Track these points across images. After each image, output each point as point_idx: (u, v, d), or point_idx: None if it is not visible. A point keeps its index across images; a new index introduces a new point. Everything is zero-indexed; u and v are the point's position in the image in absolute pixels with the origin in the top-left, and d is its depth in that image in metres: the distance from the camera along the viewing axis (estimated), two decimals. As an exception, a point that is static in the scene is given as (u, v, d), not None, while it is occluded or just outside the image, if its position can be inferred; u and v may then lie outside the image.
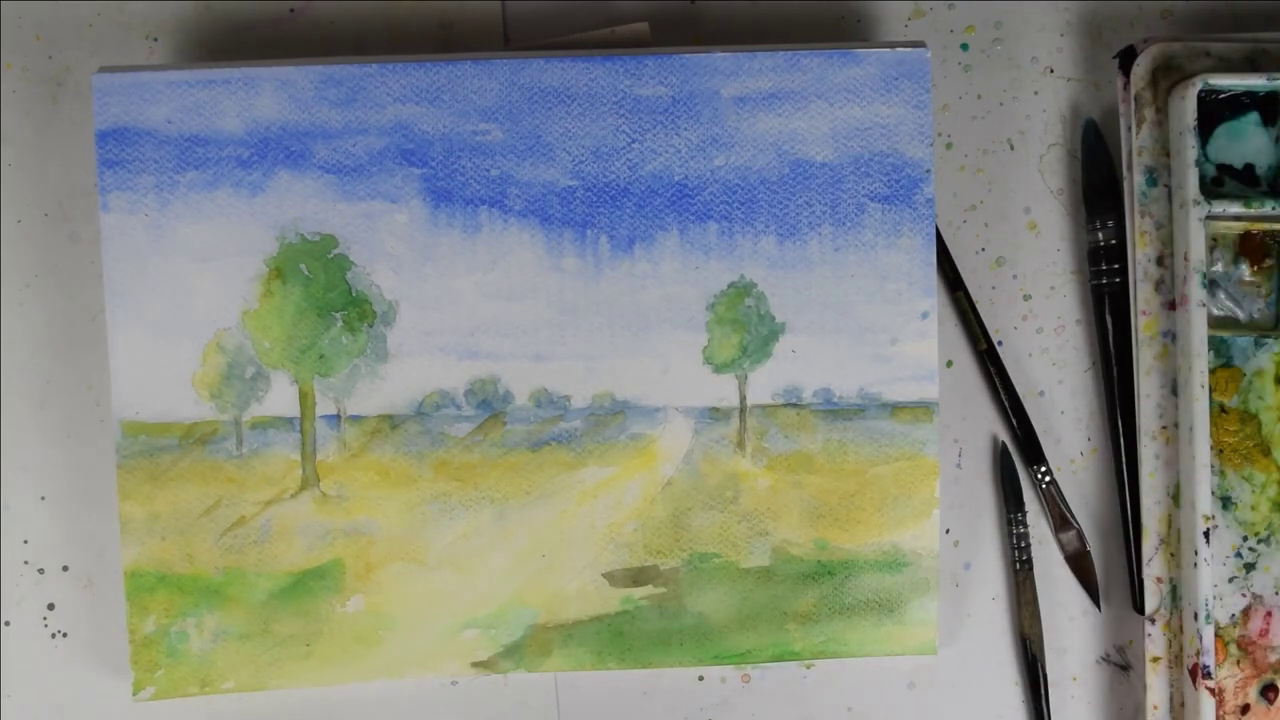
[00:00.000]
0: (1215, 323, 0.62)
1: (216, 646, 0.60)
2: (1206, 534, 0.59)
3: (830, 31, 0.64)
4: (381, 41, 0.63)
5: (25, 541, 0.63)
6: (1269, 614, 0.62)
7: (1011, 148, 0.64)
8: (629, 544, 0.61)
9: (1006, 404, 0.64)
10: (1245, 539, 0.62)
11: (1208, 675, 0.59)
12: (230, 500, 0.60)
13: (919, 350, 0.60)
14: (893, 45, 0.60)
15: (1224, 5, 0.64)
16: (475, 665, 0.61)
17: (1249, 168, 0.62)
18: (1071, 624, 0.64)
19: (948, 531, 0.64)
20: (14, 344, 0.63)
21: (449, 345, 0.60)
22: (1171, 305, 0.61)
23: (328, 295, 0.60)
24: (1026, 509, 0.63)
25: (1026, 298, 0.64)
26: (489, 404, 0.60)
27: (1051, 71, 0.64)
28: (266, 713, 0.63)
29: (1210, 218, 0.59)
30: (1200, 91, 0.59)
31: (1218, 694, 0.60)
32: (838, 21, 0.64)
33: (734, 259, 0.60)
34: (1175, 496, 0.61)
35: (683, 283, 0.60)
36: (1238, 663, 0.62)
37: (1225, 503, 0.61)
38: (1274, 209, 0.60)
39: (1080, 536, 0.64)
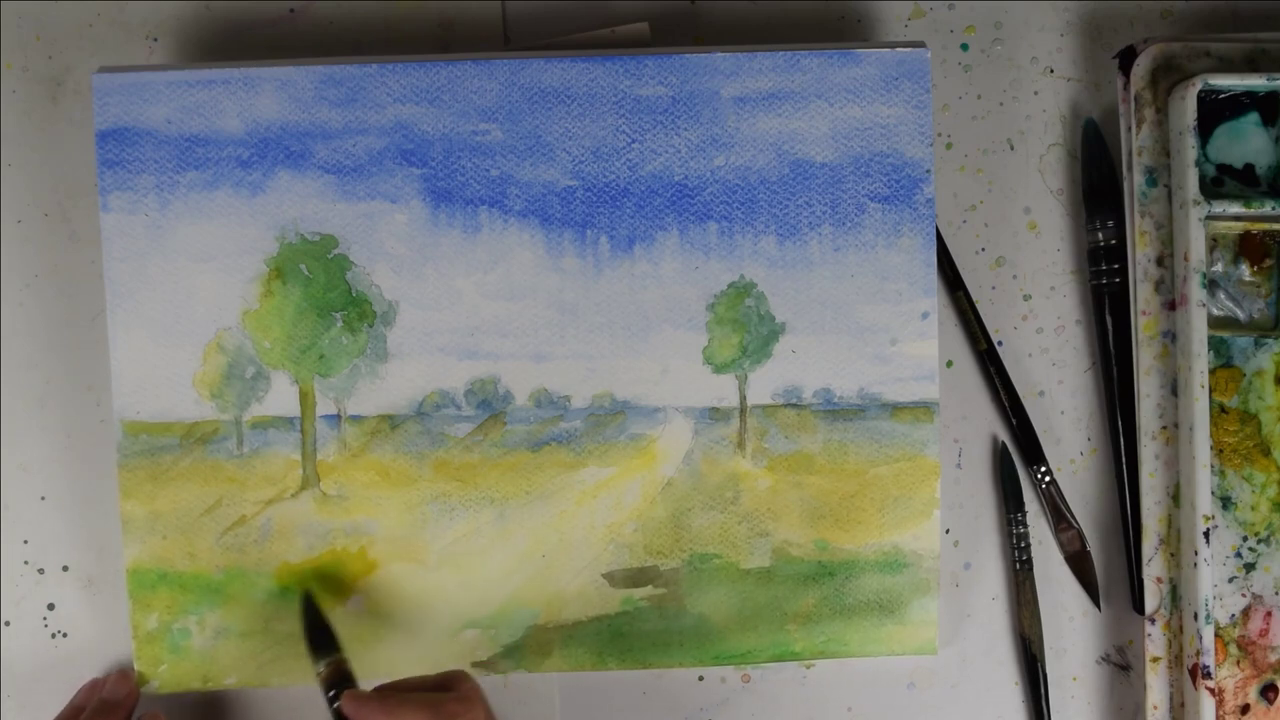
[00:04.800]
0: (1215, 323, 0.62)
1: (218, 643, 0.60)
2: (1206, 534, 0.59)
3: (830, 31, 0.64)
4: (381, 41, 0.63)
5: (25, 541, 0.63)
6: (1269, 614, 0.62)
7: (1011, 148, 0.64)
8: (629, 544, 0.61)
9: (1006, 404, 0.64)
10: (1245, 539, 0.62)
11: (1208, 675, 0.59)
12: (231, 499, 0.60)
13: (919, 350, 0.60)
14: (893, 45, 0.60)
15: (1224, 5, 0.64)
16: (475, 665, 0.61)
17: (1249, 168, 0.62)
18: (1071, 624, 0.64)
19: (948, 531, 0.64)
20: (14, 344, 0.63)
21: (449, 345, 0.60)
22: (1171, 305, 0.61)
23: (328, 295, 0.60)
24: (1026, 509, 0.63)
25: (1026, 298, 0.64)
26: (489, 404, 0.60)
27: (1051, 71, 0.64)
28: (268, 711, 0.63)
29: (1210, 218, 0.59)
30: (1200, 91, 0.59)
31: (1218, 694, 0.60)
32: (838, 21, 0.64)
33: (734, 259, 0.60)
34: (1175, 496, 0.61)
35: (683, 283, 0.60)
36: (1238, 663, 0.62)
37: (1225, 503, 0.61)
38: (1274, 209, 0.60)
39: (1080, 536, 0.64)
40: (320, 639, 0.59)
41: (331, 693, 0.56)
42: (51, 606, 0.63)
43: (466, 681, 0.55)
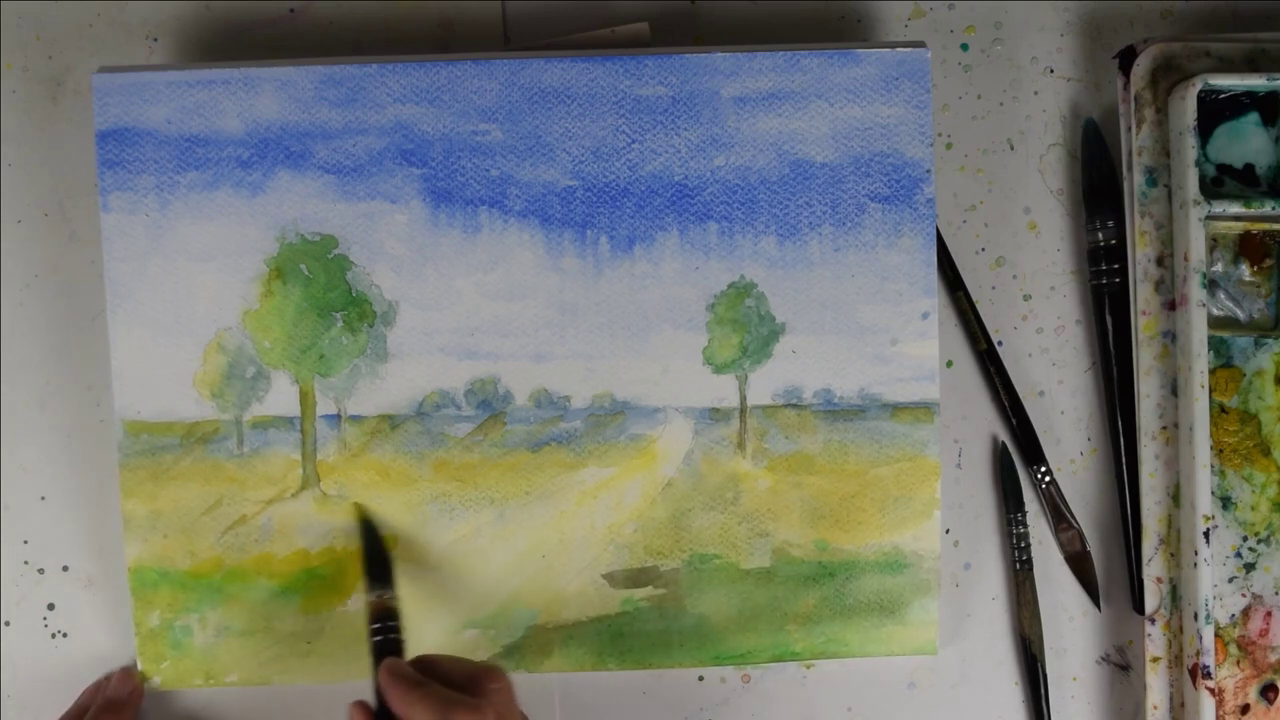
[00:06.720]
0: (1215, 323, 0.62)
1: (220, 642, 0.61)
2: (1206, 534, 0.59)
3: (830, 31, 0.64)
4: (381, 41, 0.63)
5: (25, 541, 0.63)
6: (1269, 614, 0.62)
7: (1011, 148, 0.64)
8: (629, 545, 0.61)
9: (1006, 404, 0.64)
10: (1245, 539, 0.62)
11: (1208, 675, 0.59)
12: (231, 499, 0.60)
13: (919, 350, 0.60)
14: (893, 45, 0.60)
15: (1224, 5, 0.64)
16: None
17: (1249, 168, 0.62)
18: (1071, 624, 0.64)
19: (948, 531, 0.64)
20: (14, 344, 0.63)
21: (449, 345, 0.60)
22: (1171, 305, 0.61)
23: (328, 295, 0.60)
24: (1026, 509, 0.63)
25: (1026, 298, 0.64)
26: (489, 404, 0.60)
27: (1051, 71, 0.64)
28: (269, 708, 0.63)
29: (1210, 218, 0.59)
30: (1200, 91, 0.59)
31: (1218, 694, 0.60)
32: (838, 21, 0.64)
33: (734, 259, 0.60)
34: (1175, 496, 0.61)
35: (683, 283, 0.60)
36: (1238, 663, 0.62)
37: (1225, 503, 0.61)
38: (1274, 209, 0.60)
39: (1080, 537, 0.64)
40: (375, 568, 0.58)
41: (375, 625, 0.56)
42: (51, 606, 0.63)
43: (496, 682, 0.53)
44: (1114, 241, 0.62)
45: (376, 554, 0.59)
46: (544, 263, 0.60)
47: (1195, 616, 0.59)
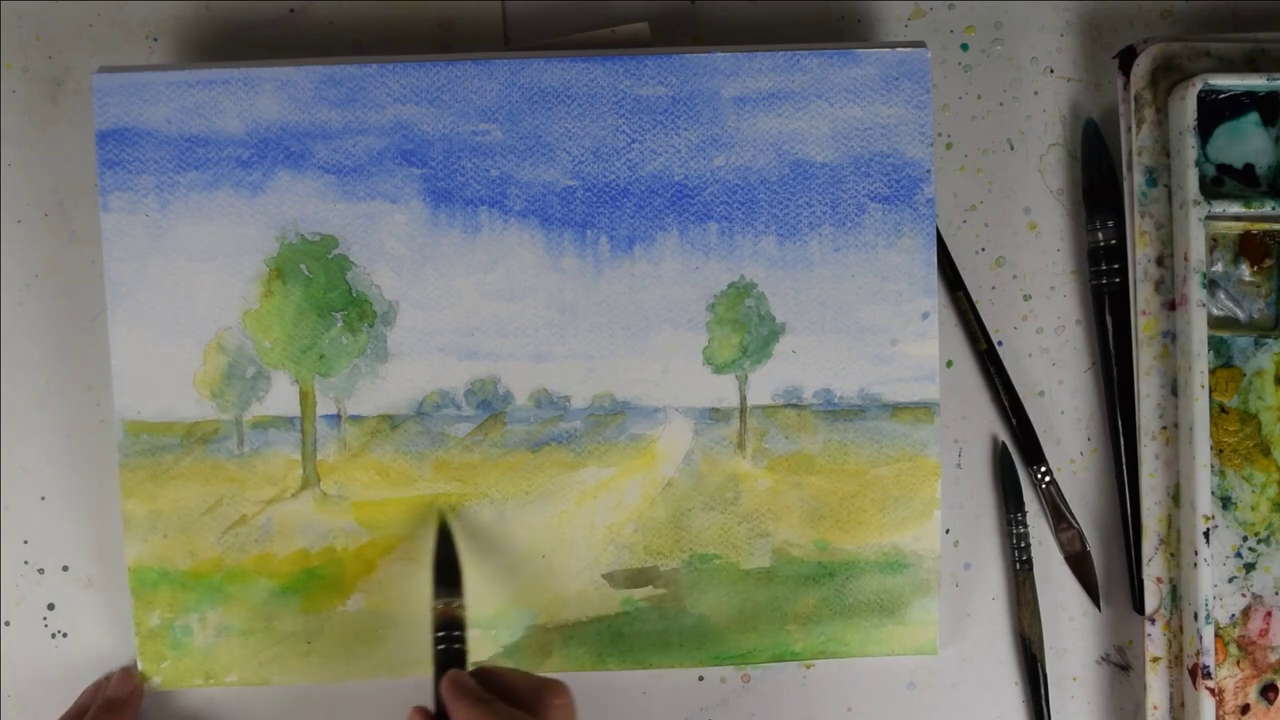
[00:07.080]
0: (1215, 323, 0.62)
1: (220, 641, 0.60)
2: (1206, 534, 0.59)
3: (830, 31, 0.64)
4: (381, 41, 0.63)
5: (25, 541, 0.63)
6: (1269, 614, 0.62)
7: (1011, 148, 0.64)
8: (629, 545, 0.61)
9: (1006, 404, 0.64)
10: (1245, 539, 0.62)
11: (1208, 675, 0.59)
12: (231, 499, 0.60)
13: (919, 350, 0.60)
14: (893, 45, 0.60)
15: (1224, 5, 0.64)
16: (475, 665, 0.61)
17: (1249, 168, 0.62)
18: (1071, 624, 0.64)
19: (948, 531, 0.64)
20: (14, 344, 0.63)
21: (449, 345, 0.60)
22: (1171, 305, 0.61)
23: (328, 295, 0.60)
24: (1026, 509, 0.63)
25: (1026, 298, 0.64)
26: (489, 404, 0.60)
27: (1051, 71, 0.64)
28: (269, 707, 0.63)
29: (1210, 218, 0.59)
30: (1200, 91, 0.59)
31: (1218, 694, 0.60)
32: (838, 21, 0.64)
33: (734, 259, 0.60)
34: (1175, 496, 0.61)
35: (683, 283, 0.60)
36: (1238, 663, 0.62)
37: (1225, 503, 0.61)
38: (1274, 209, 0.60)
39: (1080, 537, 0.64)
40: (445, 575, 0.58)
41: (440, 634, 0.56)
42: (51, 606, 0.63)
43: (559, 698, 0.53)
44: (1114, 241, 0.62)
45: (448, 560, 0.59)
46: (544, 263, 0.60)
47: (1195, 616, 0.59)
